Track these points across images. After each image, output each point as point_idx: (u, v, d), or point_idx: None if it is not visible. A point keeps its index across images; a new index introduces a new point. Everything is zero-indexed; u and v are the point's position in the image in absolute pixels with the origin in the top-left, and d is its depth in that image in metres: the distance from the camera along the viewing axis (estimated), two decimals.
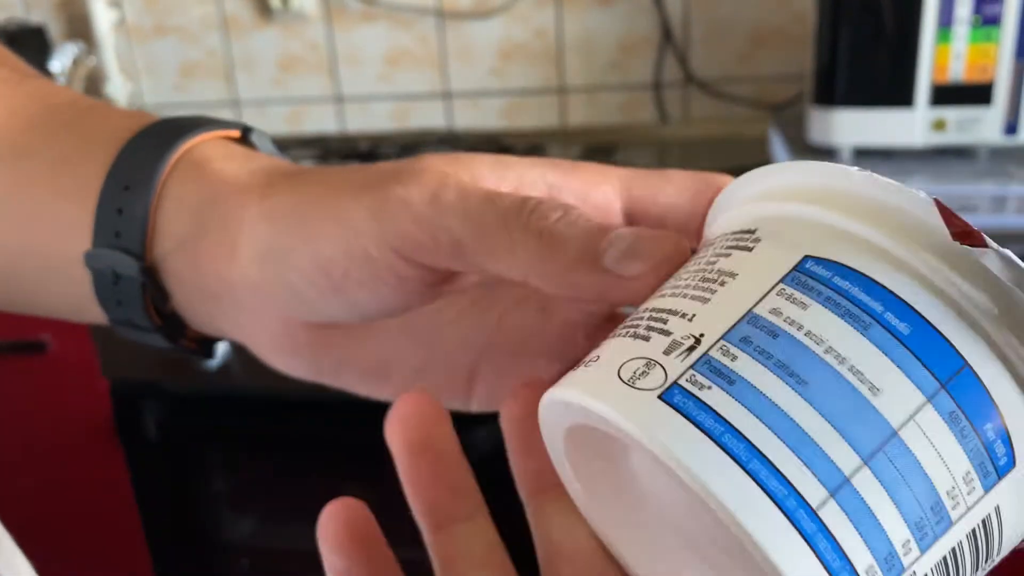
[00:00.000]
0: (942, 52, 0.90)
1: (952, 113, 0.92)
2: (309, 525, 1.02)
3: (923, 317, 0.15)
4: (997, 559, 0.15)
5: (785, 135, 1.05)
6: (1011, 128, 0.92)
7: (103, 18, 1.32)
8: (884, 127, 0.94)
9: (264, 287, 0.22)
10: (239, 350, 0.90)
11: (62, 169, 0.24)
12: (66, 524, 0.95)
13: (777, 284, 0.15)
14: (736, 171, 0.79)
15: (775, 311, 0.15)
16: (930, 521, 0.14)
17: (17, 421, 1.03)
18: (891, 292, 0.15)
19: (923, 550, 0.14)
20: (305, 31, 1.30)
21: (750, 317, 0.15)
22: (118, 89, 1.34)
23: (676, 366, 0.15)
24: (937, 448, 0.14)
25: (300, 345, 0.24)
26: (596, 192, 0.22)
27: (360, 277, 0.21)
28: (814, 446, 0.14)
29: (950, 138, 0.93)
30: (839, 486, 0.14)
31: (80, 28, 1.39)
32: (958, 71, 0.91)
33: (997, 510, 0.15)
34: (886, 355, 0.14)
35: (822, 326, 0.15)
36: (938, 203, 0.15)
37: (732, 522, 0.13)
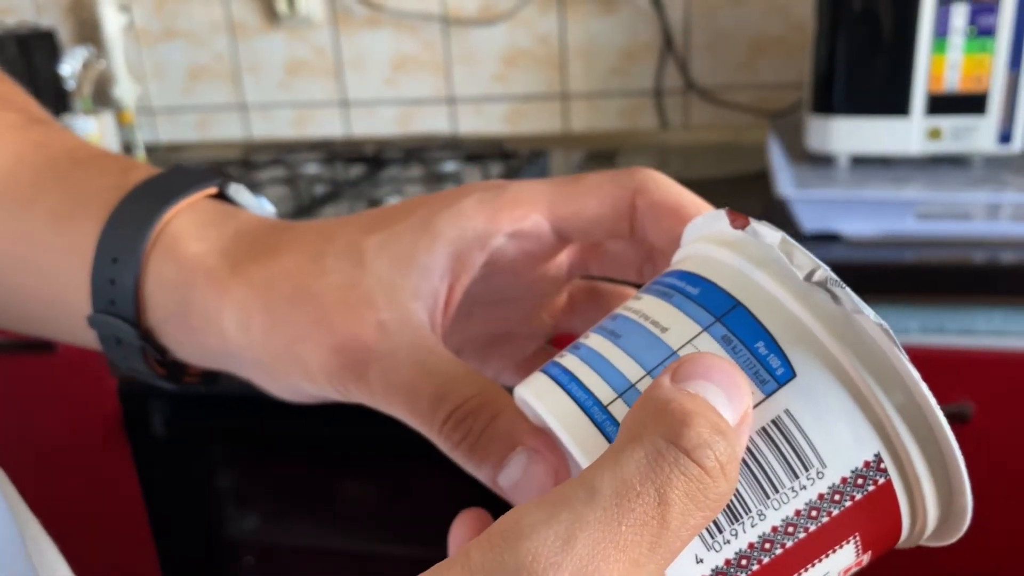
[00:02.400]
0: (938, 62, 0.92)
1: (947, 122, 0.94)
2: (312, 522, 1.06)
3: (710, 281, 0.20)
4: (828, 472, 0.17)
5: (784, 142, 1.06)
6: (1005, 137, 0.94)
7: (112, 22, 1.34)
8: (881, 135, 0.95)
9: (257, 368, 0.25)
10: None
11: (60, 225, 0.26)
12: (73, 521, 0.96)
13: (638, 294, 0.21)
14: (735, 177, 0.81)
15: (624, 307, 0.21)
16: None
17: (26, 419, 1.04)
18: (693, 273, 0.20)
19: None
20: (311, 36, 1.32)
21: (611, 315, 0.21)
22: (126, 92, 1.35)
23: (563, 353, 0.21)
24: None
25: (302, 394, 0.26)
26: (527, 225, 0.24)
27: (329, 397, 0.24)
28: (613, 369, 0.19)
29: (945, 146, 0.94)
30: (626, 390, 0.19)
31: (90, 32, 1.40)
32: (953, 81, 0.92)
33: (788, 413, 0.17)
34: (679, 308, 0.19)
35: (645, 304, 0.20)
36: (728, 210, 0.20)
37: (546, 423, 0.19)
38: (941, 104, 0.93)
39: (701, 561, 0.17)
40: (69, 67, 1.27)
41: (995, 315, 0.78)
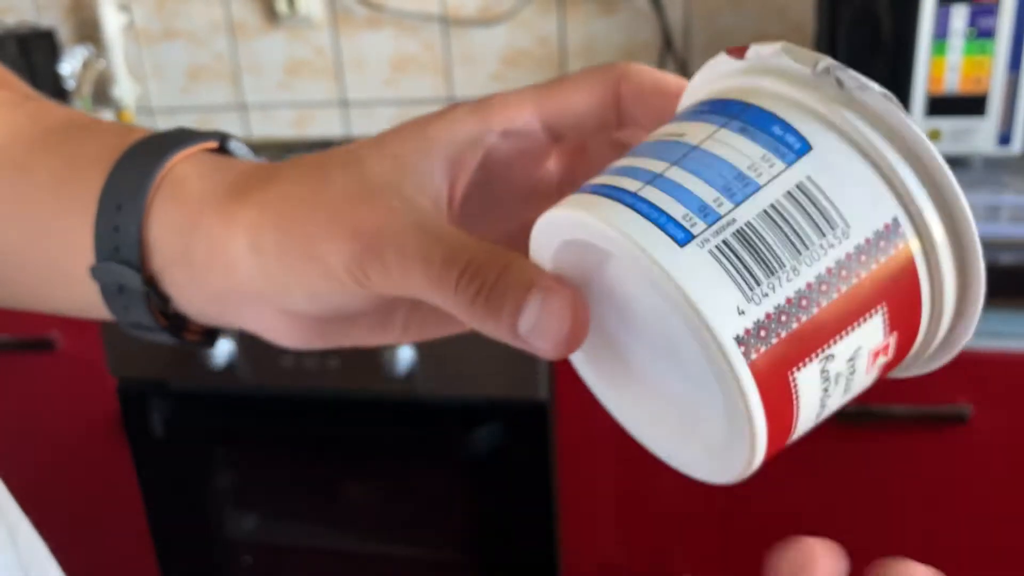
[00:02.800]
0: (937, 64, 0.92)
1: (947, 123, 0.94)
2: (310, 522, 1.05)
3: (719, 98, 0.21)
4: (852, 231, 0.19)
5: None
6: (1005, 139, 0.94)
7: (112, 21, 1.34)
8: None
9: (266, 296, 0.25)
10: (244, 350, 0.92)
11: (61, 186, 0.27)
12: (72, 519, 0.96)
13: (667, 121, 0.23)
14: None
15: (660, 131, 0.22)
16: (736, 185, 0.19)
17: (25, 418, 1.04)
18: (712, 99, 0.21)
19: (735, 203, 0.19)
20: (311, 36, 1.32)
21: (649, 138, 0.22)
22: (126, 92, 1.35)
23: (602, 176, 0.22)
24: (732, 146, 0.19)
25: (307, 327, 0.26)
26: (518, 123, 0.25)
27: (345, 303, 0.25)
28: (636, 169, 0.20)
29: (945, 147, 0.94)
30: (652, 179, 0.20)
31: (89, 31, 1.40)
32: (953, 82, 0.93)
33: (810, 179, 0.19)
34: (691, 120, 0.21)
35: (661, 130, 0.22)
36: (728, 49, 0.22)
37: (575, 221, 0.20)
38: (941, 105, 0.93)
39: (743, 313, 0.18)
40: (69, 66, 1.27)
41: (994, 317, 0.78)
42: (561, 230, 0.21)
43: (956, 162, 0.98)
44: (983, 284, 0.20)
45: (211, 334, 0.28)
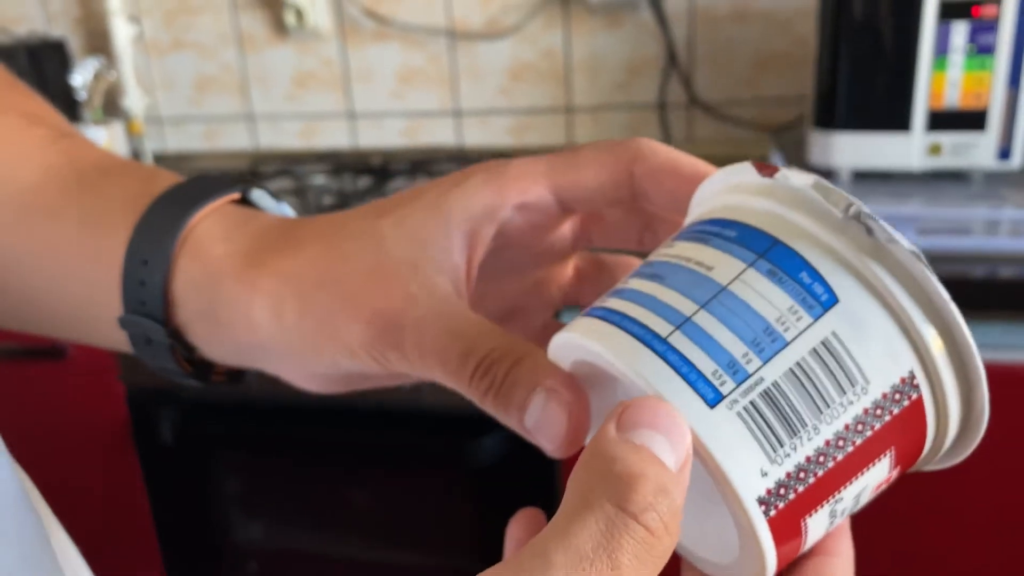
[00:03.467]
0: (938, 79, 0.93)
1: (947, 138, 0.95)
2: (316, 529, 1.07)
3: (746, 223, 0.21)
4: (871, 387, 0.19)
5: (786, 156, 1.07)
6: (1004, 153, 0.95)
7: (122, 33, 1.35)
8: (882, 151, 0.97)
9: (287, 358, 0.26)
10: None
11: (89, 234, 0.28)
12: (81, 525, 0.97)
13: (670, 241, 0.23)
14: None
15: (657, 253, 0.22)
16: (765, 340, 0.19)
17: (36, 424, 1.05)
18: (727, 220, 0.21)
19: (764, 360, 0.19)
20: (319, 48, 1.34)
21: (645, 263, 0.22)
22: (135, 102, 1.37)
23: (603, 300, 0.22)
24: (760, 293, 0.19)
25: (329, 380, 0.27)
26: (531, 196, 0.25)
27: (364, 371, 0.25)
28: (663, 304, 0.20)
29: (945, 162, 0.96)
30: (681, 323, 0.20)
31: (100, 42, 1.42)
32: (953, 98, 0.94)
33: (835, 335, 0.19)
34: (719, 250, 0.21)
35: (681, 249, 0.22)
36: (755, 163, 0.22)
37: (600, 357, 0.20)
38: (941, 120, 0.94)
39: (766, 475, 0.19)
40: (80, 78, 1.29)
41: (993, 329, 0.79)
42: (586, 354, 0.21)
43: (956, 176, 0.99)
44: (986, 418, 0.20)
45: (235, 375, 0.29)
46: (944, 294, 0.19)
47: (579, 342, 0.21)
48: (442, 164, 1.20)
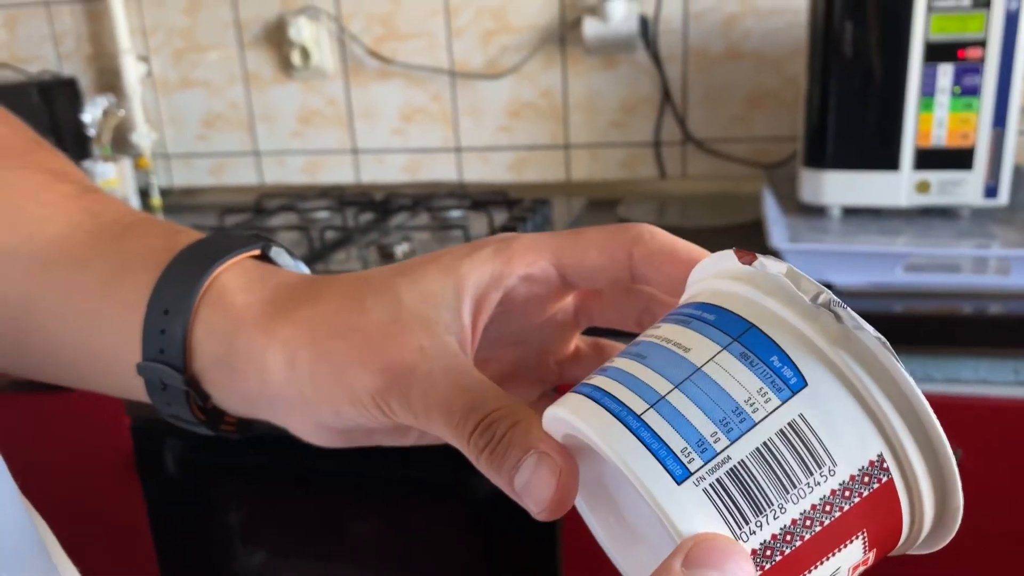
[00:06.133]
0: (925, 119, 0.96)
1: (935, 176, 0.97)
2: (317, 559, 1.08)
3: (725, 308, 0.22)
4: (838, 469, 0.20)
5: (778, 193, 1.09)
6: (991, 191, 0.97)
7: (132, 71, 1.39)
8: (871, 188, 0.99)
9: (296, 406, 0.27)
10: None
11: (111, 286, 0.29)
12: (84, 554, 0.98)
13: (659, 323, 0.24)
14: (732, 226, 0.85)
15: (646, 334, 0.23)
16: (733, 420, 0.20)
17: (41, 455, 1.07)
18: (707, 303, 0.23)
19: (731, 440, 0.20)
20: (324, 87, 1.37)
21: (634, 342, 0.24)
22: (143, 138, 1.40)
23: (591, 376, 0.23)
24: (732, 374, 0.20)
25: (332, 432, 0.29)
26: (536, 269, 0.27)
27: (366, 423, 0.27)
28: (641, 383, 0.21)
29: (933, 199, 0.98)
30: (656, 401, 0.21)
31: (110, 80, 1.45)
32: (940, 137, 0.96)
33: (803, 417, 0.20)
34: (697, 332, 0.22)
35: (664, 331, 0.23)
36: (736, 250, 0.23)
37: (581, 432, 0.21)
38: (929, 159, 0.97)
39: None
40: (90, 115, 1.32)
41: (981, 365, 0.81)
42: (570, 428, 0.22)
43: (944, 212, 1.01)
44: (960, 505, 0.21)
45: (244, 424, 0.31)
46: (911, 381, 0.20)
47: (563, 416, 0.22)
48: (443, 199, 1.22)
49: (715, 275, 0.24)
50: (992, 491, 0.81)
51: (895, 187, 0.98)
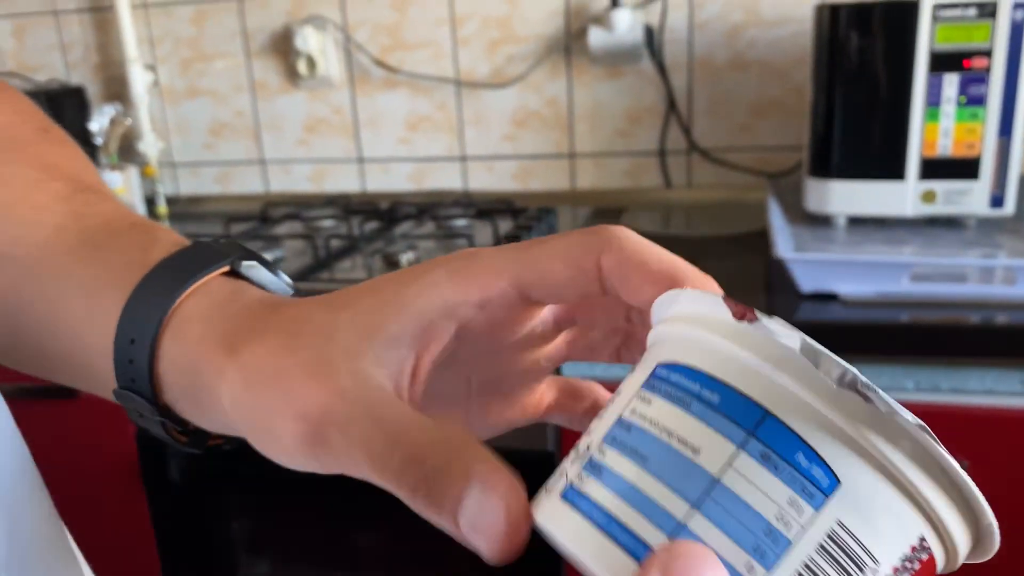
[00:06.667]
0: (931, 129, 0.96)
1: (941, 186, 0.97)
2: (321, 567, 1.08)
3: (730, 386, 0.19)
4: (881, 567, 0.18)
5: (783, 202, 1.09)
6: (997, 201, 0.97)
7: (139, 80, 1.39)
8: (877, 198, 0.99)
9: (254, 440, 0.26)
10: None
11: (89, 301, 0.28)
12: (88, 561, 0.97)
13: (638, 389, 0.20)
14: (737, 235, 0.85)
15: (633, 411, 0.20)
16: (767, 544, 0.17)
17: (47, 463, 1.07)
18: (706, 374, 0.19)
19: (768, 568, 0.17)
20: (330, 96, 1.37)
21: (618, 420, 0.20)
22: (150, 147, 1.40)
23: (572, 470, 0.20)
24: (756, 484, 0.18)
25: (307, 460, 0.26)
26: (494, 293, 0.24)
27: (315, 467, 0.24)
28: (652, 504, 0.18)
29: (939, 209, 0.97)
30: (675, 529, 0.18)
31: (117, 89, 1.46)
32: (946, 146, 0.96)
33: (840, 524, 0.18)
34: (702, 421, 0.19)
35: (660, 413, 0.19)
36: (727, 299, 0.20)
37: (588, 569, 0.19)
38: (934, 169, 0.96)
39: None
40: (97, 124, 1.32)
41: (988, 375, 0.80)
42: (572, 557, 0.20)
43: (950, 222, 1.01)
44: (996, 540, 0.20)
45: (232, 439, 0.29)
46: (956, 465, 0.18)
47: (562, 541, 0.19)
48: (448, 208, 1.23)
49: (702, 323, 0.20)
50: (999, 501, 0.81)
51: (901, 197, 0.98)
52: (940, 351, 0.80)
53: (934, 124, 0.95)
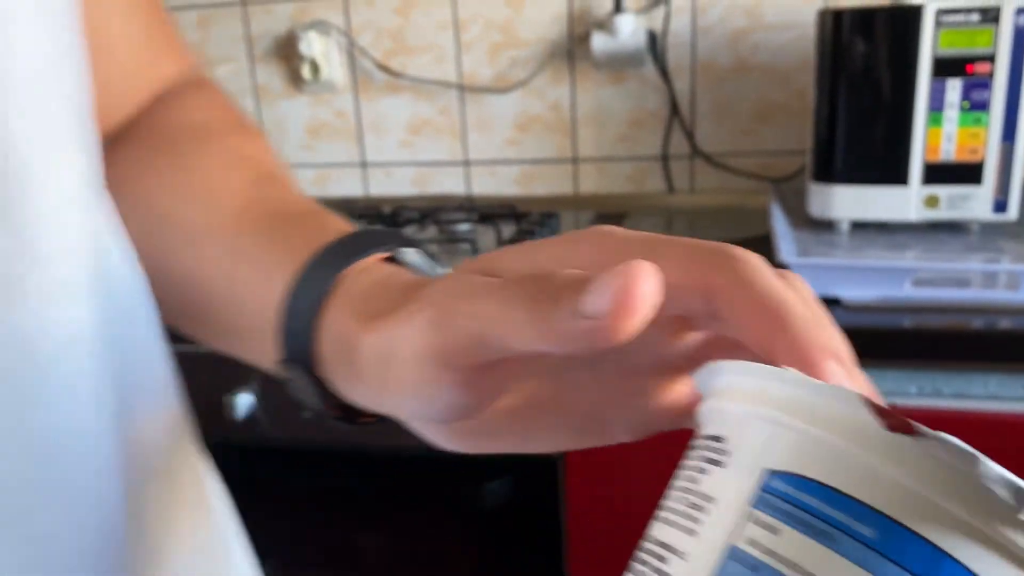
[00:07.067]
0: (934, 134, 0.96)
1: (944, 191, 0.97)
2: (326, 571, 1.07)
3: (887, 516, 0.15)
4: None
5: (786, 206, 1.10)
6: (1000, 206, 0.97)
7: None
8: (880, 202, 0.99)
9: (400, 410, 0.26)
10: (265, 403, 0.95)
11: (262, 280, 0.31)
12: None
13: (749, 510, 0.16)
14: (740, 240, 0.85)
15: (751, 541, 0.15)
16: None
17: None
18: (850, 496, 0.15)
19: None
20: (333, 100, 1.38)
21: (731, 551, 0.15)
22: None
23: None
24: None
25: (442, 431, 0.27)
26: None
27: (431, 392, 0.24)
28: None
29: (942, 214, 0.98)
30: None
31: None
32: (949, 151, 0.96)
33: None
34: (859, 566, 0.14)
35: (795, 549, 0.15)
36: (866, 400, 0.16)
37: None
38: (938, 173, 0.97)
39: None
40: None
41: (990, 380, 0.80)
42: None
43: (953, 227, 1.01)
44: None
45: (382, 417, 0.30)
46: None
47: None
48: (451, 212, 1.23)
49: (837, 428, 0.15)
50: None
51: (904, 201, 0.98)
52: (943, 356, 0.80)
53: (937, 129, 0.96)
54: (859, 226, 1.02)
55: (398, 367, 0.24)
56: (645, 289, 0.18)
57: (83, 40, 0.30)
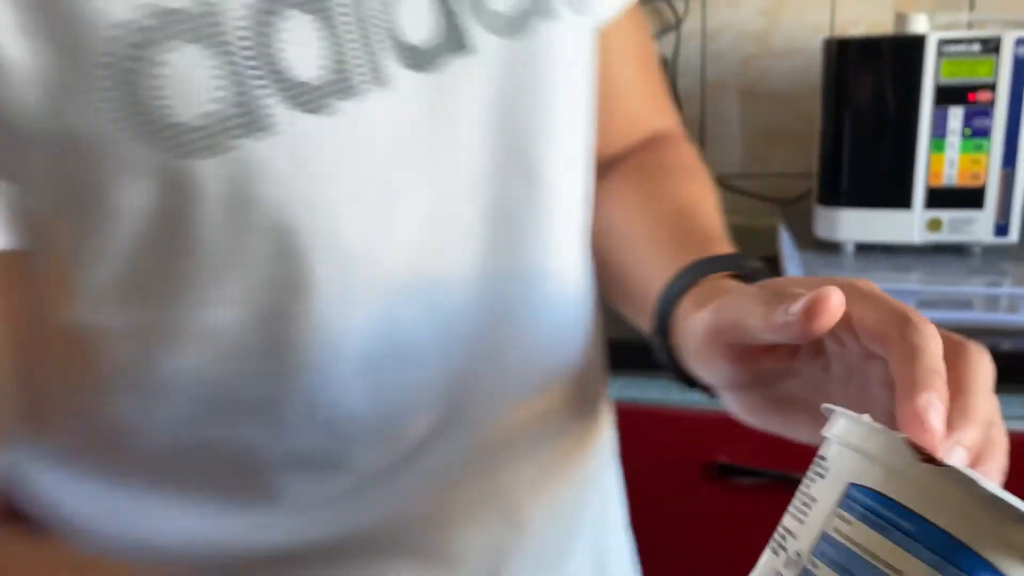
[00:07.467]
0: (936, 160, 0.98)
1: (946, 214, 0.99)
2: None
3: (919, 515, 0.21)
4: None
5: (793, 229, 1.12)
6: (1002, 229, 0.99)
7: None
8: (884, 225, 1.01)
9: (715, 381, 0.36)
10: None
11: (660, 271, 0.42)
12: None
13: (835, 507, 0.23)
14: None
15: (836, 530, 0.23)
16: None
17: None
18: (897, 502, 0.22)
19: None
20: None
21: (823, 535, 0.23)
22: None
23: (788, 574, 0.23)
24: None
25: (741, 407, 0.36)
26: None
27: (712, 361, 0.34)
28: None
29: (945, 237, 1.00)
30: None
31: None
32: (951, 176, 0.98)
33: None
34: (900, 547, 0.21)
35: (861, 536, 0.22)
36: (907, 439, 0.23)
37: None
38: (940, 198, 0.99)
39: None
40: None
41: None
42: None
43: (956, 250, 1.03)
44: None
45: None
46: None
47: None
48: None
49: (884, 456, 0.23)
50: None
51: (908, 225, 1.00)
52: None
53: (940, 155, 0.98)
54: (864, 248, 1.04)
55: (694, 339, 0.34)
56: (828, 305, 0.28)
57: (596, 84, 0.44)
